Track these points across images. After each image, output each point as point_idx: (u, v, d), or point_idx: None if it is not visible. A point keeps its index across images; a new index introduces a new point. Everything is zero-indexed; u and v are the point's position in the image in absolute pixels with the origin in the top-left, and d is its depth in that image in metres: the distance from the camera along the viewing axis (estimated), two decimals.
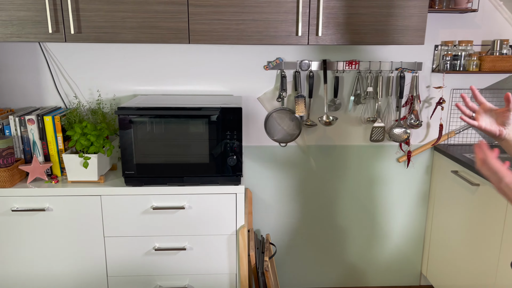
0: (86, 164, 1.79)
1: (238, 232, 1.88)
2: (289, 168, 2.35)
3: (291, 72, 2.21)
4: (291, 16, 1.79)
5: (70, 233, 1.84)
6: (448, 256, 2.21)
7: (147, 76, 2.18)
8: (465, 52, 2.13)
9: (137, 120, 1.76)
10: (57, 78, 2.15)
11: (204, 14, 1.77)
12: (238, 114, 1.78)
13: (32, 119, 1.87)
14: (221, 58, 2.17)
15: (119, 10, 1.75)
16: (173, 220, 1.86)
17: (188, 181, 1.84)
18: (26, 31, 1.75)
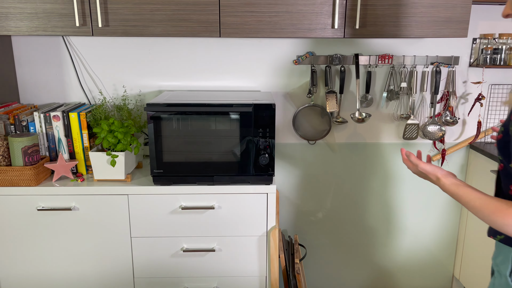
0: (113, 163, 1.73)
1: (269, 233, 1.81)
2: (318, 166, 2.27)
3: (322, 67, 2.12)
4: (327, 8, 1.70)
5: (96, 233, 1.79)
6: (482, 258, 2.12)
7: (172, 71, 2.11)
8: (506, 46, 2.02)
9: (167, 117, 1.70)
10: (81, 73, 2.09)
11: (236, 6, 1.69)
12: (271, 111, 1.70)
13: (58, 115, 1.82)
14: (248, 52, 2.09)
15: (148, 2, 1.68)
16: (202, 220, 1.79)
17: (218, 180, 1.77)
18: (52, 25, 1.69)
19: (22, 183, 1.73)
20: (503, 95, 2.18)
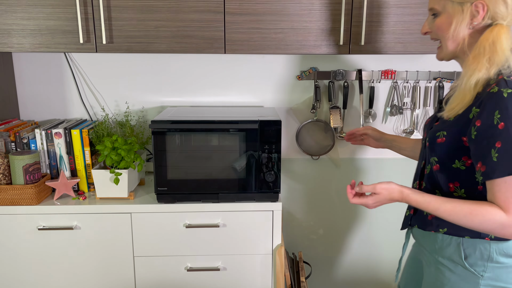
0: (117, 180, 1.70)
1: (274, 251, 1.78)
2: (321, 181, 2.25)
3: (325, 82, 2.12)
4: (333, 25, 1.70)
5: (98, 253, 1.75)
6: None
7: (174, 87, 2.09)
8: None
9: (171, 134, 1.68)
10: (82, 89, 2.07)
11: (241, 23, 1.69)
12: (277, 127, 1.68)
13: (59, 132, 1.79)
14: (251, 67, 2.09)
15: (153, 19, 1.67)
16: (206, 239, 1.76)
17: (223, 197, 1.74)
18: (56, 41, 1.67)
19: (22, 202, 1.69)
20: None
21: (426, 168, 1.23)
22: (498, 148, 1.00)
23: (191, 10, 1.67)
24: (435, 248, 1.22)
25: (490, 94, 1.03)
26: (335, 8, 1.68)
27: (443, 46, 1.17)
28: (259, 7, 1.67)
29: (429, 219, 1.23)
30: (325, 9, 1.69)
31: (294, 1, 1.67)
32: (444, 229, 1.18)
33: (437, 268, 1.22)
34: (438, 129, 1.16)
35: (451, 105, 1.12)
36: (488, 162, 1.02)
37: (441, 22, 1.14)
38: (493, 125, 1.01)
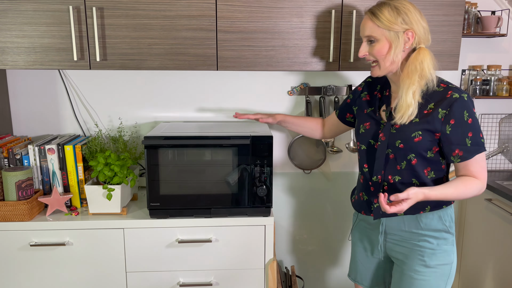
0: (109, 196, 1.71)
1: (267, 266, 1.79)
2: (313, 195, 2.27)
3: (316, 98, 2.15)
4: (322, 42, 1.74)
5: (91, 268, 1.75)
6: (479, 286, 2.12)
7: (167, 102, 2.12)
8: (494, 77, 2.09)
9: (164, 150, 1.69)
10: (76, 105, 2.09)
11: (233, 41, 1.72)
12: (269, 142, 1.71)
13: (53, 148, 1.80)
14: (243, 83, 2.12)
15: (146, 37, 1.70)
16: (199, 253, 1.76)
17: (216, 212, 1.75)
18: (50, 59, 1.70)
19: (15, 218, 1.69)
20: (493, 124, 2.23)
21: (399, 165, 1.43)
22: (470, 137, 1.35)
23: (184, 28, 1.70)
24: (420, 226, 1.45)
25: (454, 99, 1.33)
26: (325, 26, 1.73)
27: (381, 66, 1.41)
28: (250, 25, 1.71)
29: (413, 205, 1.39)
30: (315, 27, 1.73)
31: (285, 20, 1.71)
32: (428, 208, 1.44)
33: (422, 241, 1.44)
34: (411, 131, 1.38)
35: (400, 113, 1.36)
36: (464, 147, 1.35)
37: (380, 47, 1.38)
38: (464, 121, 1.34)
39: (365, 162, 1.52)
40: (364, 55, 1.43)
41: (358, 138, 1.55)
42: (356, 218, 1.67)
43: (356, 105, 1.61)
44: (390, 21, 1.36)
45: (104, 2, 1.65)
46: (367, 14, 1.40)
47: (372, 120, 1.49)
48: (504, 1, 2.10)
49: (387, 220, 1.50)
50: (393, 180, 1.45)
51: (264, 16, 1.71)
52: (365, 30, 1.40)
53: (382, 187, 1.47)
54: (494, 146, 2.25)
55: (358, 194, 1.61)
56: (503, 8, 2.10)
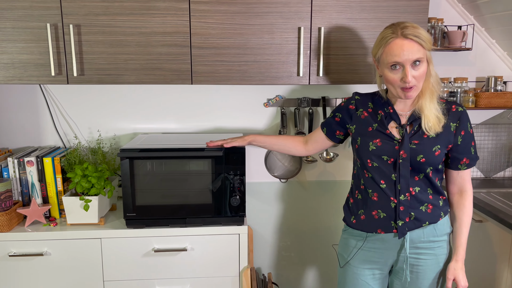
0: (87, 207, 1.75)
1: (241, 273, 1.85)
2: (290, 204, 2.34)
3: (291, 109, 2.23)
4: (293, 57, 1.82)
5: (69, 278, 1.79)
6: None
7: (147, 114, 2.17)
8: (461, 89, 2.18)
9: (140, 162, 1.75)
10: (56, 117, 2.14)
11: (207, 56, 1.79)
12: (241, 154, 1.77)
13: (31, 160, 1.85)
14: (220, 96, 2.18)
15: (122, 53, 1.76)
16: (174, 262, 1.82)
17: (191, 222, 1.81)
18: (28, 74, 1.75)
19: None
20: None
21: (417, 176, 1.47)
22: (473, 146, 1.49)
23: (159, 44, 1.76)
24: (436, 233, 1.50)
25: (460, 112, 1.46)
26: (294, 42, 1.80)
27: (419, 87, 1.41)
28: (223, 42, 1.78)
29: (429, 213, 1.48)
30: (285, 43, 1.80)
31: (256, 36, 1.79)
32: (442, 214, 1.51)
33: (437, 248, 1.50)
34: (431, 145, 1.44)
35: (433, 127, 1.43)
36: (470, 156, 1.48)
37: (424, 69, 1.40)
38: (469, 132, 1.47)
39: (382, 178, 1.47)
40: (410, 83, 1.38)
41: (367, 155, 1.49)
42: (363, 240, 1.55)
43: (353, 123, 1.56)
44: (430, 41, 1.39)
45: (81, 19, 1.72)
46: (409, 37, 1.35)
47: (383, 136, 1.47)
48: (470, 16, 2.20)
49: (410, 234, 1.48)
50: (414, 191, 1.46)
51: (236, 33, 1.78)
52: (413, 54, 1.34)
53: (408, 203, 1.46)
54: None
55: (368, 212, 1.52)
56: (469, 23, 2.19)
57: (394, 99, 1.50)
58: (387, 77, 1.41)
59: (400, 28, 1.37)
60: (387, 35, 1.38)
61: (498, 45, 2.23)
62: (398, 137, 1.46)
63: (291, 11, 1.77)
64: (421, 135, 1.45)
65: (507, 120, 2.30)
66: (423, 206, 1.47)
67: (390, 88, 1.45)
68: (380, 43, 1.41)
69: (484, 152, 2.34)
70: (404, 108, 1.49)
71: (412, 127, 1.46)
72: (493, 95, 2.15)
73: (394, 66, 1.38)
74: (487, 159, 2.35)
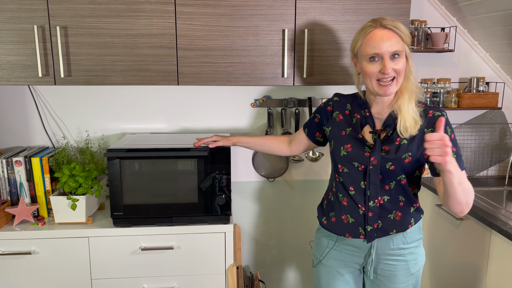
0: (74, 206, 1.78)
1: (227, 271, 1.88)
2: (277, 202, 2.37)
3: (278, 110, 2.26)
4: (277, 59, 1.85)
5: (57, 276, 1.81)
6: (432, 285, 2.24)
7: (136, 115, 2.20)
8: (444, 90, 2.22)
9: (126, 162, 1.78)
10: (45, 117, 2.16)
11: (193, 57, 1.82)
12: (226, 154, 1.81)
13: (20, 160, 1.87)
14: (208, 96, 2.22)
15: (109, 54, 1.78)
16: (161, 260, 1.85)
17: (177, 221, 1.84)
18: (16, 75, 1.77)
19: None
20: None
21: (388, 185, 1.43)
22: (454, 151, 1.34)
23: (145, 46, 1.79)
24: (406, 241, 1.48)
25: (437, 117, 1.38)
26: (279, 44, 1.84)
27: (398, 82, 1.38)
28: (209, 43, 1.81)
29: (397, 220, 1.45)
30: (270, 45, 1.83)
31: (241, 38, 1.82)
32: (412, 221, 1.48)
33: (408, 255, 1.48)
34: (401, 153, 1.39)
35: (408, 129, 1.37)
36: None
37: (404, 62, 1.36)
38: (448, 136, 1.28)
39: (351, 185, 1.46)
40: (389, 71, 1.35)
41: (339, 160, 1.48)
42: (334, 242, 1.55)
43: (329, 126, 1.55)
44: (408, 36, 1.36)
45: (67, 21, 1.74)
46: (388, 28, 1.34)
47: (354, 142, 1.45)
48: (452, 18, 2.24)
49: (378, 241, 1.47)
50: (383, 200, 1.44)
51: (221, 35, 1.81)
52: (392, 45, 1.32)
53: (377, 209, 1.45)
54: None
55: (338, 216, 1.52)
56: (452, 25, 2.24)
57: (372, 100, 1.46)
58: (365, 70, 1.37)
59: (379, 20, 1.36)
60: (367, 26, 1.38)
61: (481, 46, 2.28)
62: (371, 143, 1.43)
63: (275, 14, 1.81)
64: (393, 141, 1.40)
65: (490, 120, 2.35)
66: (391, 214, 1.45)
67: (367, 84, 1.40)
68: (359, 35, 1.39)
69: (467, 152, 2.39)
70: (381, 111, 1.45)
71: (386, 133, 1.42)
72: (475, 96, 2.20)
73: (373, 58, 1.35)
74: (470, 159, 2.40)
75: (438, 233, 2.20)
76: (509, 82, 2.32)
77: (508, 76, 2.31)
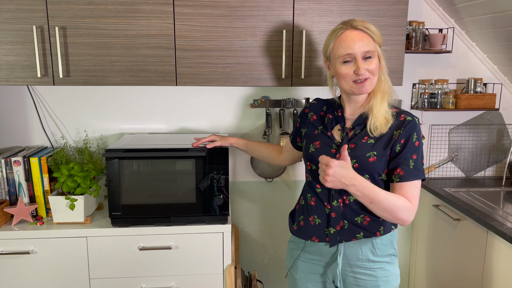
0: (72, 206, 1.79)
1: (225, 271, 1.89)
2: (275, 202, 2.38)
3: (276, 110, 2.27)
4: (275, 60, 1.86)
5: (55, 276, 1.82)
6: (429, 286, 2.25)
7: (134, 115, 2.21)
8: (441, 91, 2.23)
9: (125, 162, 1.78)
10: (44, 117, 2.16)
11: (191, 58, 1.83)
12: (224, 154, 1.81)
13: (18, 160, 1.88)
14: (207, 96, 2.22)
15: (108, 55, 1.79)
16: (159, 260, 1.85)
17: (175, 221, 1.84)
18: (15, 75, 1.78)
19: None
20: (442, 135, 2.37)
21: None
22: (414, 159, 1.36)
23: (144, 46, 1.80)
24: (376, 253, 1.43)
25: (408, 121, 1.38)
26: (277, 45, 1.84)
27: (372, 82, 1.39)
28: (207, 44, 1.82)
29: (365, 225, 1.41)
30: (268, 45, 1.84)
31: (240, 39, 1.82)
32: (382, 229, 1.43)
33: (377, 270, 1.43)
34: (366, 151, 1.38)
35: (379, 127, 1.38)
36: (406, 168, 1.35)
37: (376, 62, 1.38)
38: (412, 142, 1.36)
39: (318, 182, 1.44)
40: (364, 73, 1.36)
41: (308, 158, 1.49)
42: (301, 249, 1.54)
43: (305, 127, 1.56)
44: (380, 36, 1.38)
45: (66, 22, 1.75)
46: (359, 29, 1.35)
47: (323, 139, 1.46)
48: (450, 19, 2.25)
49: (346, 247, 1.44)
50: (348, 200, 1.41)
51: (220, 36, 1.82)
52: (364, 45, 1.34)
53: (341, 210, 1.43)
54: (444, 155, 2.39)
55: (306, 218, 1.51)
56: (449, 26, 2.25)
57: (346, 101, 1.47)
58: (339, 72, 1.38)
59: (350, 21, 1.38)
60: (337, 28, 1.39)
61: (478, 47, 2.29)
62: (338, 140, 1.43)
63: (273, 15, 1.81)
64: (360, 139, 1.40)
65: (487, 121, 2.36)
66: (358, 217, 1.41)
67: (342, 85, 1.40)
68: (331, 38, 1.40)
69: (464, 152, 2.40)
70: (354, 112, 1.46)
71: (354, 131, 1.42)
72: (473, 97, 2.21)
73: (346, 59, 1.35)
74: (468, 159, 2.41)
75: (435, 233, 2.20)
76: (506, 83, 2.33)
77: (505, 77, 2.32)
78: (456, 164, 2.41)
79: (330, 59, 1.43)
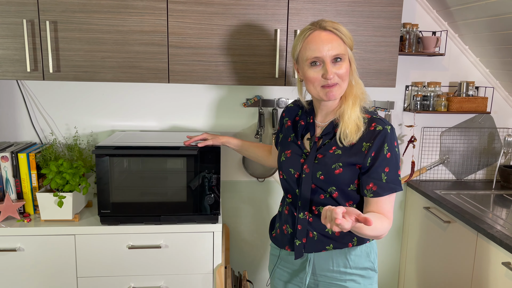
0: (60, 203, 1.76)
1: (215, 271, 1.87)
2: (267, 202, 2.37)
3: (269, 110, 2.26)
4: (269, 59, 1.85)
5: (42, 274, 1.79)
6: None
7: (125, 112, 2.18)
8: (434, 93, 2.23)
9: (115, 159, 1.76)
10: (33, 113, 2.13)
11: (184, 55, 1.81)
12: (216, 153, 1.80)
13: (6, 156, 1.84)
14: (199, 95, 2.20)
15: (99, 50, 1.77)
16: (149, 259, 1.83)
17: (165, 219, 1.83)
18: (4, 69, 1.74)
19: None
20: (434, 137, 2.38)
21: (323, 194, 1.33)
22: (387, 172, 1.27)
23: (136, 42, 1.78)
24: (348, 264, 1.37)
25: (377, 132, 1.27)
26: (271, 44, 1.83)
27: (342, 87, 1.30)
28: (200, 42, 1.80)
29: (336, 236, 1.35)
30: (262, 44, 1.83)
31: (233, 37, 1.81)
32: (355, 240, 1.36)
33: (349, 281, 1.37)
34: (332, 162, 1.30)
35: (350, 134, 1.28)
36: (379, 183, 1.27)
37: (347, 66, 1.30)
38: (383, 155, 1.26)
39: (289, 192, 1.41)
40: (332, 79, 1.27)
41: (279, 166, 1.44)
42: (277, 257, 1.52)
43: (282, 133, 1.52)
44: (351, 38, 1.30)
45: (57, 16, 1.72)
46: (328, 30, 1.27)
47: (294, 148, 1.41)
48: (444, 22, 2.26)
49: (316, 257, 1.39)
50: (317, 211, 1.35)
51: (213, 33, 1.80)
52: (333, 48, 1.25)
53: (307, 222, 1.37)
54: (435, 157, 2.40)
55: (281, 227, 1.48)
56: (443, 29, 2.25)
57: (317, 107, 1.40)
58: (307, 76, 1.29)
59: (319, 22, 1.30)
60: (306, 29, 1.31)
61: (471, 51, 2.30)
62: (308, 150, 1.37)
63: (267, 13, 1.80)
64: (328, 150, 1.32)
65: (478, 124, 2.37)
66: (329, 229, 1.31)
67: (310, 90, 1.33)
68: (299, 39, 1.31)
69: (456, 155, 2.41)
70: (325, 118, 1.38)
71: (323, 141, 1.35)
72: (465, 100, 2.22)
73: (314, 62, 1.27)
74: (459, 162, 2.42)
75: (425, 235, 2.21)
76: (498, 87, 2.35)
77: (497, 81, 2.34)
78: (447, 167, 2.42)
79: (298, 62, 1.35)
